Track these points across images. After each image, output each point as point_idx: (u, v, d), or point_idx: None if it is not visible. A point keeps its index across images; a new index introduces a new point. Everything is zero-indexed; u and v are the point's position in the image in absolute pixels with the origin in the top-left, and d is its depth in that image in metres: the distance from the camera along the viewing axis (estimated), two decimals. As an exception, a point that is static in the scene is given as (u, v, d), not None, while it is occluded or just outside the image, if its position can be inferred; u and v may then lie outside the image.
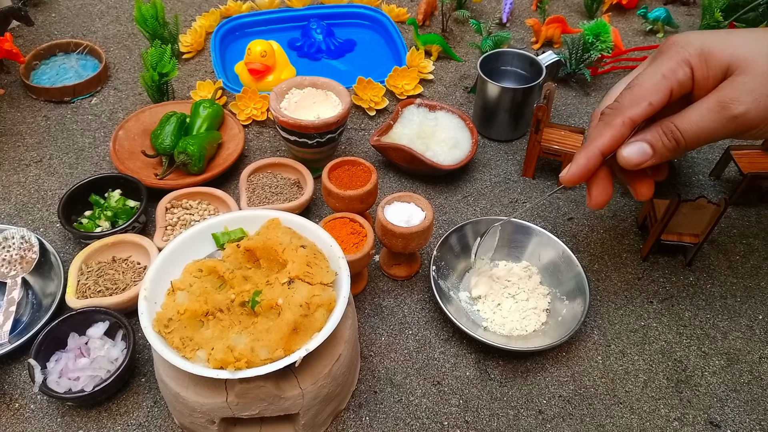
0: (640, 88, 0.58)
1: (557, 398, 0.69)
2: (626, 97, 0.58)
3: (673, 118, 0.57)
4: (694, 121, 0.57)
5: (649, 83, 0.58)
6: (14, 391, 0.68)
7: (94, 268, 0.76)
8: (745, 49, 0.56)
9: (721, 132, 0.57)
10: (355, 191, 0.75)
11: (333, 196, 0.75)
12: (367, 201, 0.77)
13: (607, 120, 0.59)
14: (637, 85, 0.58)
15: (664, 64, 0.58)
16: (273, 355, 0.54)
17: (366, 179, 0.77)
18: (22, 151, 0.96)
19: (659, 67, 0.58)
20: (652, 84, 0.58)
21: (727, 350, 0.74)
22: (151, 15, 1.04)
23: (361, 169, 0.79)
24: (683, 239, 0.80)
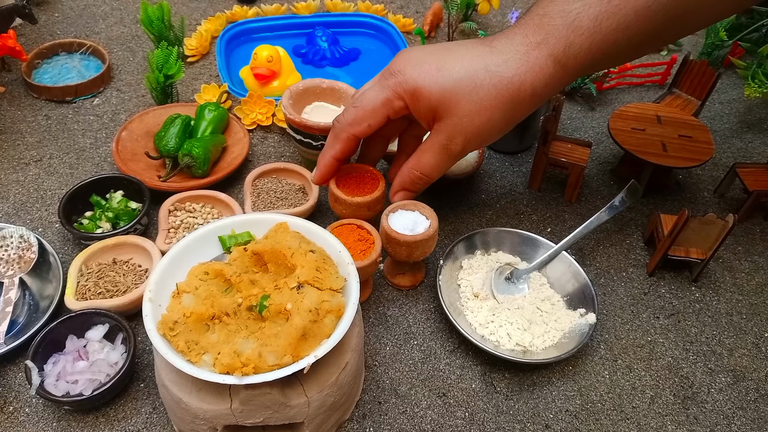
0: (363, 111, 0.67)
1: (564, 413, 0.68)
2: (350, 114, 0.68)
3: (416, 165, 0.70)
4: (430, 163, 0.69)
5: (370, 107, 0.67)
6: (9, 394, 0.66)
7: (94, 269, 0.74)
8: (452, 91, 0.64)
9: (454, 162, 0.71)
10: (363, 198, 0.74)
11: (340, 202, 0.75)
12: (374, 208, 0.76)
13: (336, 133, 0.70)
14: (360, 107, 0.67)
15: (383, 92, 0.66)
16: (281, 361, 0.53)
17: (374, 186, 0.76)
18: (22, 150, 0.95)
19: (380, 93, 0.66)
20: (372, 109, 0.67)
21: (734, 367, 0.74)
22: (157, 17, 1.04)
23: (369, 175, 0.78)
24: (690, 255, 0.80)
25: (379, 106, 0.66)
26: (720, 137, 1.06)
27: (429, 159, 0.69)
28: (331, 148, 0.71)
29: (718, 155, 1.02)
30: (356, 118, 0.67)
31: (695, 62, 0.99)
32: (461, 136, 0.66)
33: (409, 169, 0.71)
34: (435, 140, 0.68)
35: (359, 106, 0.67)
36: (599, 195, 0.94)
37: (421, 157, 0.70)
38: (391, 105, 0.66)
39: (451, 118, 0.65)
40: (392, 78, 0.66)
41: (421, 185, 0.72)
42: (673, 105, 1.00)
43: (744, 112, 1.12)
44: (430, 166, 0.70)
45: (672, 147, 0.87)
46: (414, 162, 0.70)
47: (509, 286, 0.77)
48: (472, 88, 0.63)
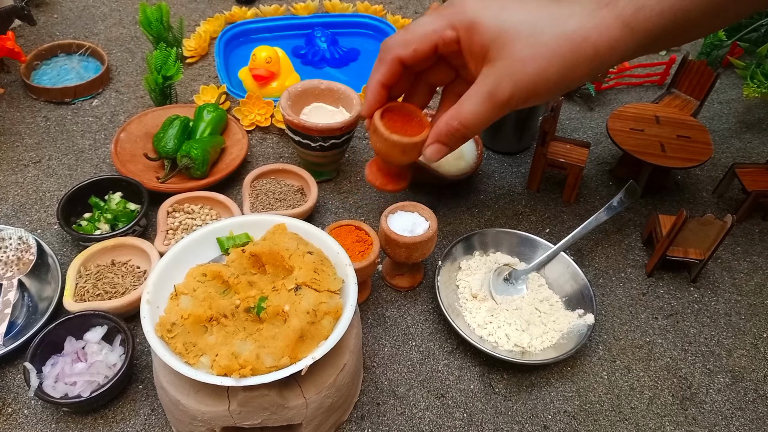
0: (412, 34, 0.62)
1: (562, 413, 0.68)
2: (399, 36, 0.63)
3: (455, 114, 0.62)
4: (471, 113, 0.62)
5: (420, 32, 0.62)
6: (7, 395, 0.66)
7: (92, 271, 0.74)
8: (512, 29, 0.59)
9: (498, 114, 0.62)
10: (400, 138, 0.65)
11: (378, 135, 0.66)
12: (409, 153, 0.66)
13: (382, 57, 0.65)
14: (410, 31, 0.63)
15: (438, 20, 0.61)
16: (279, 362, 0.53)
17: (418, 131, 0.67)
18: (21, 152, 0.95)
19: (434, 20, 0.62)
20: (422, 34, 0.62)
21: (732, 368, 0.74)
22: (156, 18, 1.04)
23: (416, 120, 0.69)
24: (689, 255, 0.80)
25: (429, 32, 0.61)
26: (719, 137, 1.06)
27: (471, 107, 0.62)
28: (377, 71, 0.65)
29: (717, 155, 1.02)
30: (404, 40, 0.62)
31: (694, 62, 0.99)
32: (510, 82, 0.60)
33: (447, 119, 0.64)
34: (480, 85, 0.61)
35: (410, 30, 0.63)
36: (598, 195, 0.94)
37: (463, 105, 0.62)
38: (443, 34, 0.61)
39: (503, 61, 0.59)
40: (450, 8, 0.61)
41: (459, 138, 0.64)
42: (671, 105, 1.00)
43: (743, 112, 1.12)
44: (471, 115, 0.62)
45: (671, 147, 0.87)
46: (454, 111, 0.63)
47: (508, 287, 0.77)
48: (532, 33, 0.58)
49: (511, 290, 0.77)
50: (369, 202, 0.91)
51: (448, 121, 0.63)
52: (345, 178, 0.94)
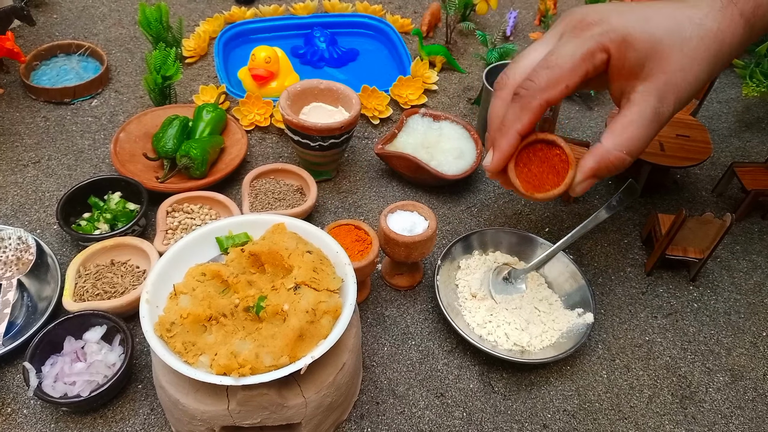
0: (559, 70, 0.56)
1: (562, 412, 0.68)
2: (543, 76, 0.56)
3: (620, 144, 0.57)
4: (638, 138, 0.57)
5: (569, 65, 0.56)
6: (7, 395, 0.66)
7: (92, 270, 0.74)
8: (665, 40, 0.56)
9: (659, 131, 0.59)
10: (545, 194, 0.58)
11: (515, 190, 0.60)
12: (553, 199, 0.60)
13: (524, 103, 0.57)
14: (555, 66, 0.56)
15: (584, 45, 0.56)
16: (278, 361, 0.53)
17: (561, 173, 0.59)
18: (20, 152, 0.95)
19: (579, 46, 0.56)
20: (572, 67, 0.56)
21: (731, 367, 0.74)
22: (155, 18, 1.04)
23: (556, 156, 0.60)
24: (688, 254, 0.80)
25: (579, 62, 0.55)
26: (718, 136, 1.06)
27: (637, 131, 0.57)
28: (517, 121, 0.58)
29: (716, 154, 1.02)
30: (552, 79, 0.55)
31: (693, 62, 0.99)
32: (674, 95, 0.57)
33: (610, 150, 0.57)
34: (644, 106, 0.57)
35: (554, 64, 0.56)
36: (597, 195, 0.94)
37: (627, 131, 0.57)
38: (593, 59, 0.56)
39: (663, 74, 0.56)
40: (594, 28, 0.56)
41: (622, 168, 0.59)
42: (670, 104, 1.00)
43: (742, 112, 1.12)
44: (639, 140, 0.57)
45: (670, 146, 0.87)
46: (616, 140, 0.57)
47: (507, 287, 0.77)
48: (683, 40, 0.56)
49: (510, 289, 0.77)
50: (368, 202, 0.91)
51: (613, 153, 0.57)
52: (344, 178, 0.94)
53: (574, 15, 0.58)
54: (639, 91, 0.57)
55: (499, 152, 0.60)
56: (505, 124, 0.59)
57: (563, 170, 0.58)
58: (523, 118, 0.58)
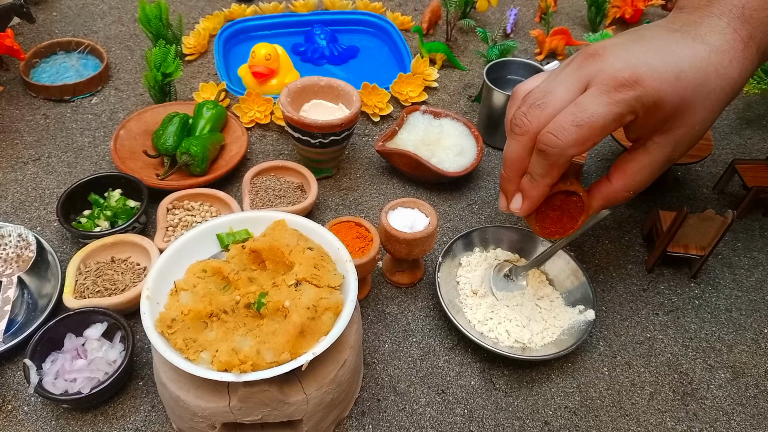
0: (589, 129, 0.56)
1: (563, 409, 0.68)
2: (571, 135, 0.56)
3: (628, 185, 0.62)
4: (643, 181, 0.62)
5: (599, 125, 0.56)
6: (7, 392, 0.66)
7: (92, 268, 0.74)
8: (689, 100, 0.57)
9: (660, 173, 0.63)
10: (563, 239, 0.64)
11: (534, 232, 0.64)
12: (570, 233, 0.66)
13: (553, 160, 0.58)
14: (586, 125, 0.56)
15: (616, 108, 0.55)
16: (279, 358, 0.53)
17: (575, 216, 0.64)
18: (20, 149, 0.95)
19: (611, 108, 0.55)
20: (602, 126, 0.56)
21: (733, 363, 0.74)
22: (155, 15, 1.03)
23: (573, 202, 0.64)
24: (689, 251, 0.80)
25: (609, 123, 0.56)
26: (719, 133, 1.06)
27: (646, 176, 0.61)
28: (547, 176, 0.59)
29: (717, 151, 1.02)
30: (580, 137, 0.56)
31: (694, 58, 0.99)
32: (685, 145, 0.60)
33: (618, 191, 0.63)
34: (658, 155, 0.60)
35: (584, 124, 0.55)
36: (598, 192, 0.94)
37: (636, 175, 0.61)
38: (622, 120, 0.56)
39: (683, 128, 0.58)
40: (628, 91, 0.55)
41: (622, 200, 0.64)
42: (671, 101, 1.00)
43: (743, 109, 1.12)
44: (645, 183, 0.62)
45: (671, 143, 0.87)
46: (627, 182, 0.62)
47: (508, 283, 0.77)
48: (707, 95, 0.57)
49: (511, 286, 0.77)
50: (369, 199, 0.90)
51: (621, 193, 0.63)
52: (345, 175, 0.94)
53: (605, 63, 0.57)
54: (656, 141, 0.60)
55: (529, 201, 0.63)
56: (535, 178, 0.61)
57: (578, 215, 0.63)
58: (552, 173, 0.60)
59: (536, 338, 0.71)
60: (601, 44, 0.59)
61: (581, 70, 0.58)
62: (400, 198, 0.77)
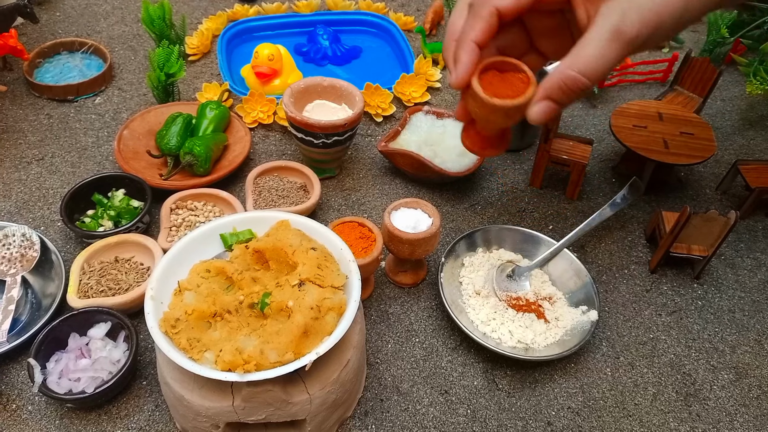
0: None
1: (566, 410, 0.68)
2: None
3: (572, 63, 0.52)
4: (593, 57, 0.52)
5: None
6: (12, 391, 0.66)
7: (96, 267, 0.74)
8: None
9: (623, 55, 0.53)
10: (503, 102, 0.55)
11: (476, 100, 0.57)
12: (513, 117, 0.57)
13: (476, 11, 0.54)
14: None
15: None
16: (283, 358, 0.53)
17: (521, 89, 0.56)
18: (24, 149, 0.95)
19: None
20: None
21: (736, 364, 0.74)
22: (158, 16, 1.04)
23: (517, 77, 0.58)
24: (692, 252, 0.80)
25: None
26: (722, 134, 1.06)
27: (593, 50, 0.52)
28: (471, 29, 0.54)
29: (720, 152, 1.02)
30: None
31: (697, 59, 0.99)
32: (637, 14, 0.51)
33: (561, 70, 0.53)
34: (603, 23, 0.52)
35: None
36: (601, 192, 0.94)
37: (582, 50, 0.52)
38: None
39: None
40: None
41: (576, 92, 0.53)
42: (674, 102, 1.00)
43: (746, 109, 1.12)
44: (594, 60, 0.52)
45: (674, 144, 0.87)
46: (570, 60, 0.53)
47: (511, 284, 0.77)
48: None
49: (514, 287, 0.77)
50: (372, 199, 0.91)
51: (564, 71, 0.52)
52: (348, 175, 0.94)
53: None
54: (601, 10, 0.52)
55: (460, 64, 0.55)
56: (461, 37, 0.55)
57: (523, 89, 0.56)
58: (476, 26, 0.54)
59: (539, 339, 0.71)
60: None
61: None
62: (403, 198, 0.77)
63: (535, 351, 0.70)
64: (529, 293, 0.76)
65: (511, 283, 0.77)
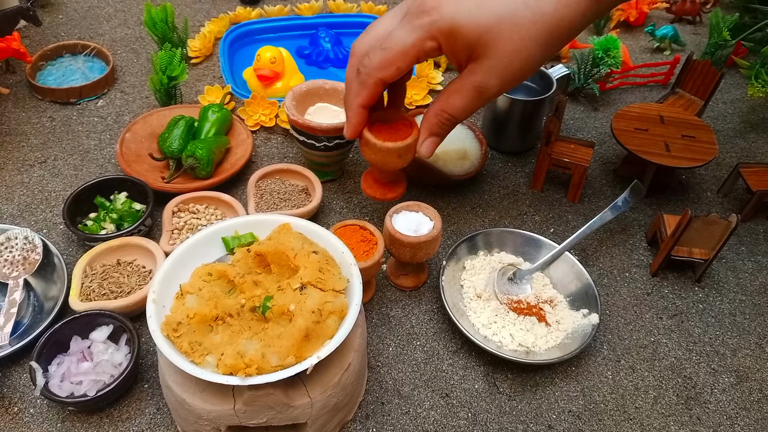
0: (392, 54, 0.61)
1: (567, 413, 0.68)
2: (377, 57, 0.62)
3: (445, 107, 0.65)
4: (459, 105, 0.64)
5: (399, 49, 0.61)
6: (14, 394, 0.67)
7: (98, 270, 0.75)
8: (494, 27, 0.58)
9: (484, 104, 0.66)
10: (394, 144, 0.67)
11: (370, 146, 0.68)
12: (405, 156, 0.69)
13: (362, 80, 0.64)
14: (388, 49, 0.61)
15: (414, 33, 0.60)
16: (284, 361, 0.53)
17: (407, 133, 0.69)
18: (27, 152, 0.95)
19: (410, 33, 0.60)
20: (402, 51, 0.61)
21: (737, 368, 0.74)
22: (160, 18, 1.04)
23: (402, 123, 0.71)
24: (693, 255, 0.80)
25: (409, 48, 0.60)
26: (723, 137, 1.06)
27: (459, 101, 0.64)
28: (358, 96, 0.65)
29: (722, 155, 1.02)
30: (384, 61, 0.61)
31: (698, 62, 0.99)
32: (498, 78, 0.62)
33: (435, 111, 0.66)
34: (468, 81, 0.63)
35: (387, 47, 0.61)
36: (602, 195, 0.94)
37: (450, 98, 0.64)
38: (423, 47, 0.60)
39: (489, 59, 0.60)
40: (425, 17, 0.59)
41: (449, 127, 0.67)
42: (676, 105, 1.00)
43: (747, 112, 1.12)
44: (459, 108, 0.65)
45: (675, 147, 0.87)
46: (442, 103, 0.65)
47: (512, 287, 0.77)
48: (513, 26, 0.58)
49: (515, 290, 0.77)
50: (373, 202, 0.91)
51: (438, 113, 0.66)
52: (349, 178, 0.94)
53: None
54: (468, 68, 0.62)
55: (348, 123, 0.68)
56: (348, 99, 0.67)
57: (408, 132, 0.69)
58: (362, 93, 0.65)
59: (540, 342, 0.71)
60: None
61: (404, 3, 0.63)
62: (405, 201, 0.77)
63: (536, 354, 0.70)
64: (531, 296, 0.76)
65: (512, 287, 0.77)
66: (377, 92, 0.65)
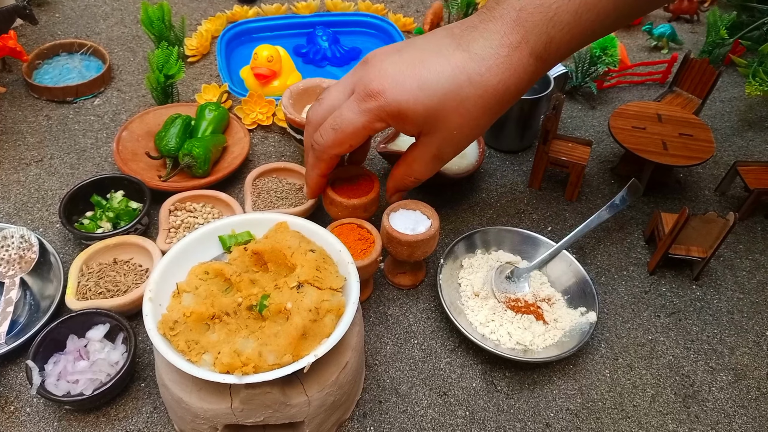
0: (343, 134, 0.66)
1: (564, 411, 0.68)
2: (330, 137, 0.66)
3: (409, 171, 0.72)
4: (423, 170, 0.71)
5: (350, 130, 0.65)
6: (10, 393, 0.66)
7: (95, 269, 0.74)
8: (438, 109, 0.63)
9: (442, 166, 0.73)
10: (359, 200, 0.74)
11: (335, 204, 0.75)
12: (370, 209, 0.77)
13: (317, 155, 0.69)
14: (340, 130, 0.65)
15: (363, 117, 0.64)
16: (281, 360, 0.53)
17: (369, 188, 0.76)
18: (23, 150, 0.95)
19: (359, 116, 0.64)
20: (353, 132, 0.65)
21: (735, 366, 0.74)
22: (157, 17, 1.04)
23: (364, 178, 0.78)
24: (691, 253, 0.80)
25: (360, 129, 0.65)
26: (721, 135, 1.06)
27: (420, 167, 0.71)
28: (315, 168, 0.71)
29: (719, 153, 1.02)
30: (336, 140, 0.66)
31: (696, 60, 0.99)
32: (451, 146, 0.68)
33: (402, 175, 0.73)
34: (424, 151, 0.69)
35: (339, 128, 0.66)
36: (600, 194, 0.94)
37: (412, 165, 0.71)
38: (373, 127, 0.65)
39: (439, 132, 0.66)
40: (371, 101, 0.63)
41: (416, 185, 0.75)
42: (673, 103, 1.00)
43: (745, 111, 1.12)
44: (422, 173, 0.72)
45: (673, 145, 0.87)
46: (406, 169, 0.72)
47: (510, 285, 0.77)
48: (459, 103, 0.62)
49: (513, 288, 0.77)
50: (371, 201, 0.91)
51: (404, 177, 0.73)
52: (347, 177, 0.94)
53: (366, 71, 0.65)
54: (422, 140, 0.68)
55: (308, 187, 0.76)
56: (307, 168, 0.74)
57: (370, 187, 0.76)
58: (319, 166, 0.71)
59: (538, 340, 0.71)
60: (374, 52, 0.67)
61: (353, 76, 0.67)
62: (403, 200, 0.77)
63: (533, 353, 0.70)
64: (528, 295, 0.76)
65: (509, 285, 0.77)
66: (333, 164, 0.71)
